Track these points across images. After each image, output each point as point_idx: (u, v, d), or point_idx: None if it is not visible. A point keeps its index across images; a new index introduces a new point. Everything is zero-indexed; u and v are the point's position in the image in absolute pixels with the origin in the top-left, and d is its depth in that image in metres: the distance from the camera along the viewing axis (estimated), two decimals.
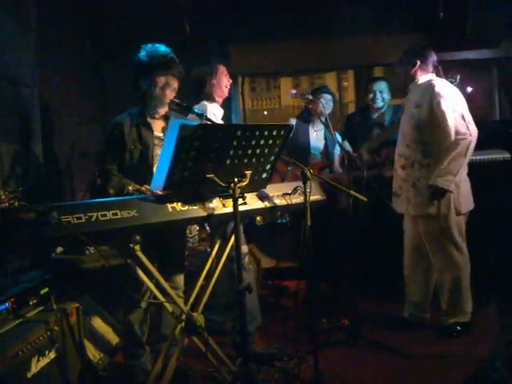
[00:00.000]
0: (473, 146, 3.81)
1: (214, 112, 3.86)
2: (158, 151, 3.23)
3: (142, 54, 3.24)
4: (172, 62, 3.25)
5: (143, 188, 2.97)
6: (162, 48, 3.27)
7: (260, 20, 6.15)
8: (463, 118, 3.80)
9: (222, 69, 4.02)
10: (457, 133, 3.76)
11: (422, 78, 4.01)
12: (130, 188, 2.99)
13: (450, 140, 3.76)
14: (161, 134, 3.30)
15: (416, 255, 4.15)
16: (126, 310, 3.29)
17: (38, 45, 4.04)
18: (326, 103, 4.80)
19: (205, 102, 3.91)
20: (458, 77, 4.27)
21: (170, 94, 3.26)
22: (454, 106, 3.81)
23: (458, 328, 3.97)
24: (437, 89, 3.83)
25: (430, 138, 3.87)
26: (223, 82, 4.01)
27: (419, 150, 3.90)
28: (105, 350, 3.56)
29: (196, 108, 3.73)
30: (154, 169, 3.21)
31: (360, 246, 4.29)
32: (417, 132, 3.90)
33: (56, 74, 4.52)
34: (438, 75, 4.05)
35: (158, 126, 3.32)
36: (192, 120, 3.37)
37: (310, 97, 4.43)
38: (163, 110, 3.34)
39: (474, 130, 3.80)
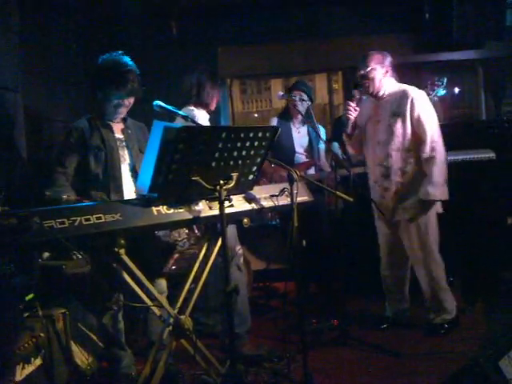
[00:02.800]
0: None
1: (203, 118, 3.85)
2: (121, 152, 3.30)
3: (102, 66, 3.26)
4: (130, 80, 3.22)
5: (74, 198, 2.99)
6: (124, 61, 3.26)
7: (248, 22, 6.17)
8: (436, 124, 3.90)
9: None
10: (432, 140, 3.82)
11: (391, 85, 4.01)
12: (65, 197, 2.99)
13: (428, 149, 3.81)
14: (121, 136, 3.36)
15: (393, 256, 4.18)
16: (98, 313, 3.32)
17: (22, 49, 4.01)
18: (299, 100, 4.79)
19: (192, 108, 3.89)
20: (445, 79, 4.28)
21: (123, 111, 3.34)
22: (432, 113, 3.89)
23: (446, 326, 4.00)
24: (415, 98, 3.87)
25: (410, 146, 3.90)
26: (218, 96, 4.04)
27: (402, 158, 3.92)
28: (94, 355, 3.54)
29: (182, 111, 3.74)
30: (122, 170, 3.27)
31: (348, 246, 4.30)
32: (397, 141, 3.91)
33: (41, 78, 4.50)
34: (395, 79, 4.06)
35: (117, 128, 3.37)
36: (178, 123, 3.38)
37: (297, 98, 4.43)
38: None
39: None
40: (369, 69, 3.92)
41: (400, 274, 4.21)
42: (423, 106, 3.87)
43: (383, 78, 3.96)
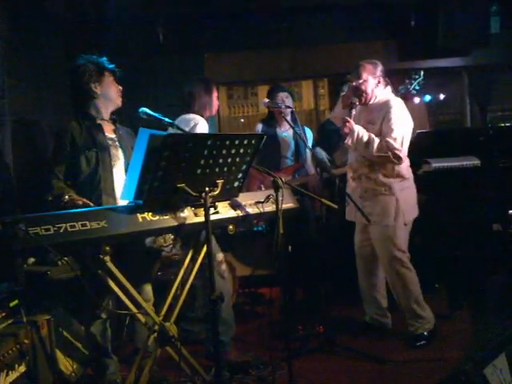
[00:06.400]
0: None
1: (205, 126, 3.86)
2: (113, 151, 3.31)
3: (92, 61, 3.33)
4: (116, 68, 3.41)
5: (80, 201, 2.97)
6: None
7: (235, 28, 6.18)
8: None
9: (215, 90, 4.08)
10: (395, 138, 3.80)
11: (379, 94, 4.01)
12: (66, 197, 2.98)
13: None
14: (113, 136, 3.37)
15: (364, 262, 4.24)
16: (87, 322, 3.30)
17: (9, 53, 4.00)
18: (282, 102, 4.80)
19: (195, 115, 3.89)
20: (422, 72, 4.30)
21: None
22: (405, 120, 3.88)
23: (425, 334, 3.98)
24: (392, 105, 3.86)
25: None
26: (216, 104, 4.08)
27: (366, 165, 3.96)
28: (79, 361, 3.53)
29: (186, 118, 3.75)
30: (115, 169, 3.27)
31: (334, 252, 4.31)
32: None
33: (29, 84, 4.48)
34: (388, 85, 4.06)
35: (108, 128, 3.38)
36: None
37: (283, 106, 4.45)
38: (110, 111, 3.41)
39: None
40: (361, 81, 3.94)
41: (373, 280, 4.24)
42: (398, 114, 3.85)
43: (375, 88, 3.97)
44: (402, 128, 3.83)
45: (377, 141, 3.80)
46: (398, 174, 3.93)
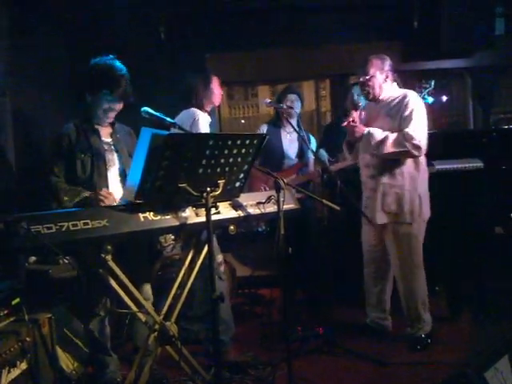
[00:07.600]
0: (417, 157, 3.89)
1: (205, 120, 3.87)
2: (109, 156, 3.30)
3: (95, 69, 3.25)
4: (121, 85, 3.23)
5: (89, 193, 3.02)
6: (117, 65, 3.27)
7: (236, 28, 6.17)
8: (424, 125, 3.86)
9: (215, 79, 4.08)
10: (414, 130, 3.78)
11: (390, 88, 4.01)
12: (87, 193, 3.02)
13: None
14: (109, 140, 3.36)
15: (375, 266, 4.20)
16: (84, 319, 3.31)
17: (11, 53, 4.00)
18: (292, 103, 4.81)
19: (195, 109, 3.92)
20: (433, 82, 4.29)
21: (113, 116, 3.35)
22: (423, 115, 3.86)
23: (424, 336, 3.98)
24: (410, 99, 3.85)
25: None
26: (218, 94, 4.09)
27: (389, 159, 3.90)
28: (79, 360, 3.54)
29: (187, 114, 3.75)
30: (109, 174, 3.26)
31: (335, 254, 4.30)
32: None
33: (30, 83, 4.48)
34: (396, 81, 4.06)
35: (105, 132, 3.37)
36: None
37: (285, 106, 4.45)
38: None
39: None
40: (369, 76, 3.93)
41: (383, 284, 4.21)
42: (415, 106, 3.83)
43: (383, 84, 3.97)
44: (421, 119, 3.81)
45: (392, 136, 3.78)
46: (421, 165, 3.94)
